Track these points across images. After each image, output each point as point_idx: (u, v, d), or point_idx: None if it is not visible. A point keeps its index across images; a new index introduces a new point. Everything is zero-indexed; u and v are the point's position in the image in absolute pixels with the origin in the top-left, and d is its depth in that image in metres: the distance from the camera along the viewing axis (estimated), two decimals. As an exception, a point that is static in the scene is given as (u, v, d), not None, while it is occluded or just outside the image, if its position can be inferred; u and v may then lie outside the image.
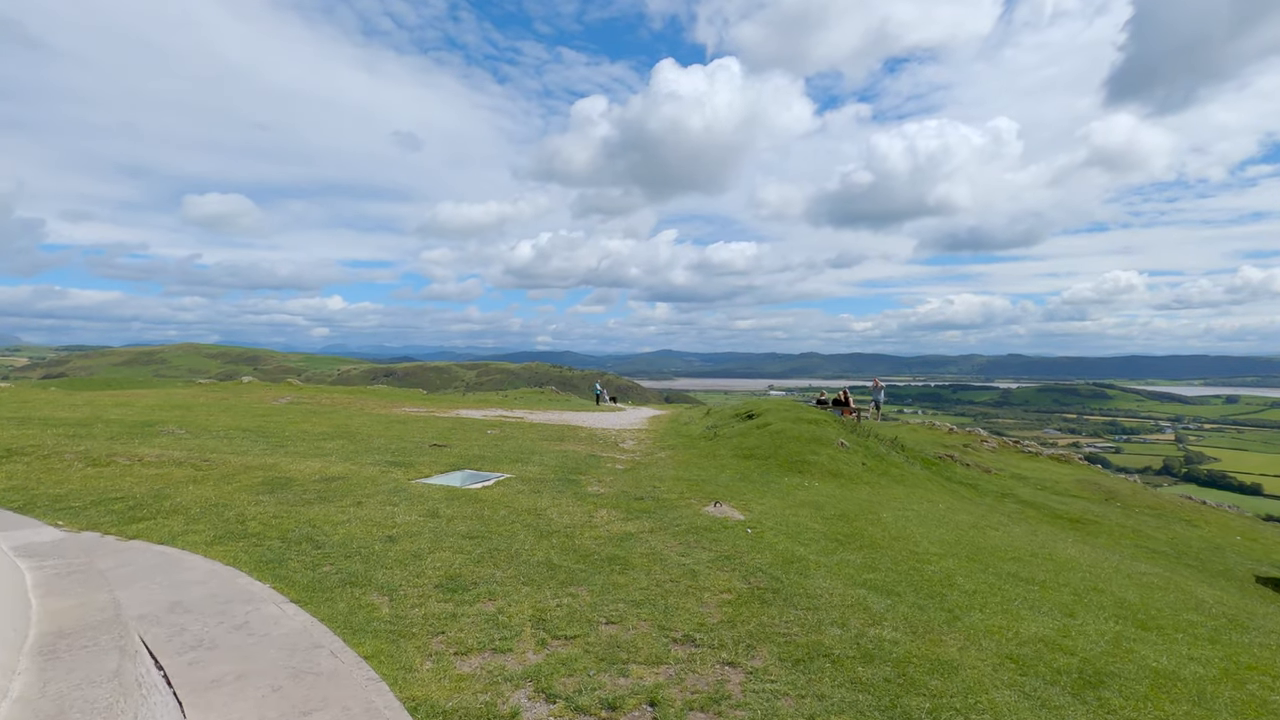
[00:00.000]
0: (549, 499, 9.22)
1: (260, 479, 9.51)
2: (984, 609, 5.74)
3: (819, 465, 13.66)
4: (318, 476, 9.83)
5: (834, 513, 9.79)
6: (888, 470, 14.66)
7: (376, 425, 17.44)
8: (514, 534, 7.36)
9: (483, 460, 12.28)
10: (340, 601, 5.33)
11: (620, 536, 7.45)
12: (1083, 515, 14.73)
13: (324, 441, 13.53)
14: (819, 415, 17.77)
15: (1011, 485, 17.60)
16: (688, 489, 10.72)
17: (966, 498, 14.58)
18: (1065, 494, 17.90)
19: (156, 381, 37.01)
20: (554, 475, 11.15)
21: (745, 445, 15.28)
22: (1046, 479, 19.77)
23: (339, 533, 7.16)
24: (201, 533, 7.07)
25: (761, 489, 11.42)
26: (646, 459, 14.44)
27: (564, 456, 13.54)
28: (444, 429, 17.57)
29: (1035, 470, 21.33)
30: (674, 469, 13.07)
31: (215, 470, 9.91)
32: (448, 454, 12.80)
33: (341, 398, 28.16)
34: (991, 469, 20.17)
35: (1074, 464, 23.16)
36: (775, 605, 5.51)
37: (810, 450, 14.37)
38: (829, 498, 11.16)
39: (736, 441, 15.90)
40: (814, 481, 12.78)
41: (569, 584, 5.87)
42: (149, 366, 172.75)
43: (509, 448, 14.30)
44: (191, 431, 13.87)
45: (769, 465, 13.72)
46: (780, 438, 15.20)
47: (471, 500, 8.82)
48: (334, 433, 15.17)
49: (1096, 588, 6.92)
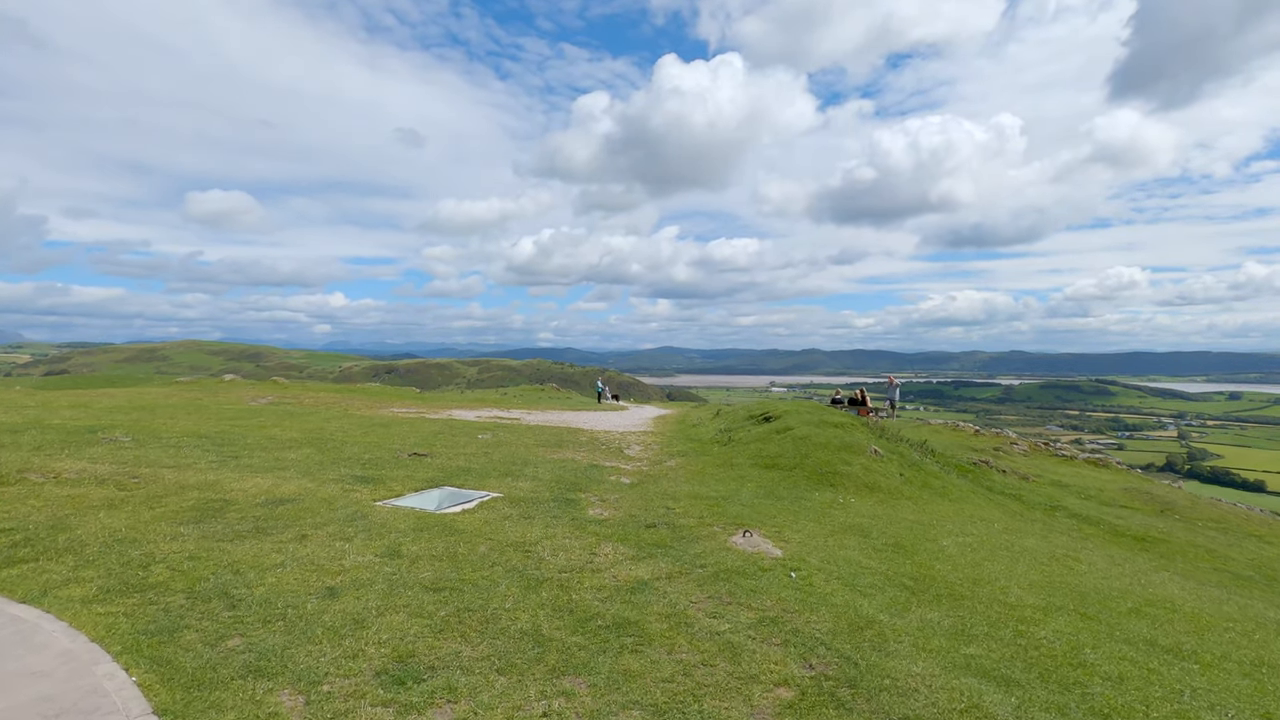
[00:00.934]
0: (541, 528, 7.55)
1: (192, 502, 7.85)
2: (1149, 714, 4.06)
3: (852, 477, 11.98)
4: (263, 498, 8.16)
5: (886, 541, 8.12)
6: (927, 482, 12.98)
7: (356, 429, 15.79)
8: (493, 582, 5.69)
9: (467, 474, 10.61)
10: (230, 709, 3.67)
11: (630, 586, 5.78)
12: (1146, 532, 13.05)
13: (288, 450, 11.87)
14: (844, 418, 16.09)
15: (1057, 495, 15.91)
16: (707, 511, 9.05)
17: (1015, 512, 12.90)
18: (1115, 504, 16.21)
19: (139, 380, 35.39)
20: (549, 493, 9.48)
21: (766, 453, 13.60)
22: (1090, 486, 18.08)
23: (266, 582, 5.50)
24: (87, 583, 5.41)
25: (792, 509, 9.75)
26: (655, 469, 12.78)
27: (562, 468, 11.87)
28: (430, 434, 15.90)
29: (1074, 476, 19.63)
30: (688, 482, 11.40)
31: (141, 491, 8.25)
32: (428, 465, 11.13)
33: (328, 397, 26.50)
34: (1029, 475, 18.48)
35: (1113, 469, 21.49)
36: (857, 713, 3.83)
37: (841, 459, 12.69)
38: (873, 519, 9.48)
39: (755, 448, 14.22)
40: (849, 497, 11.10)
41: (562, 671, 4.20)
42: (151, 363, 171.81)
43: (500, 457, 12.64)
44: (139, 439, 12.22)
45: (795, 477, 12.04)
46: (805, 444, 13.52)
47: (445, 531, 7.15)
48: (304, 438, 13.52)
49: (1268, 660, 5.24)
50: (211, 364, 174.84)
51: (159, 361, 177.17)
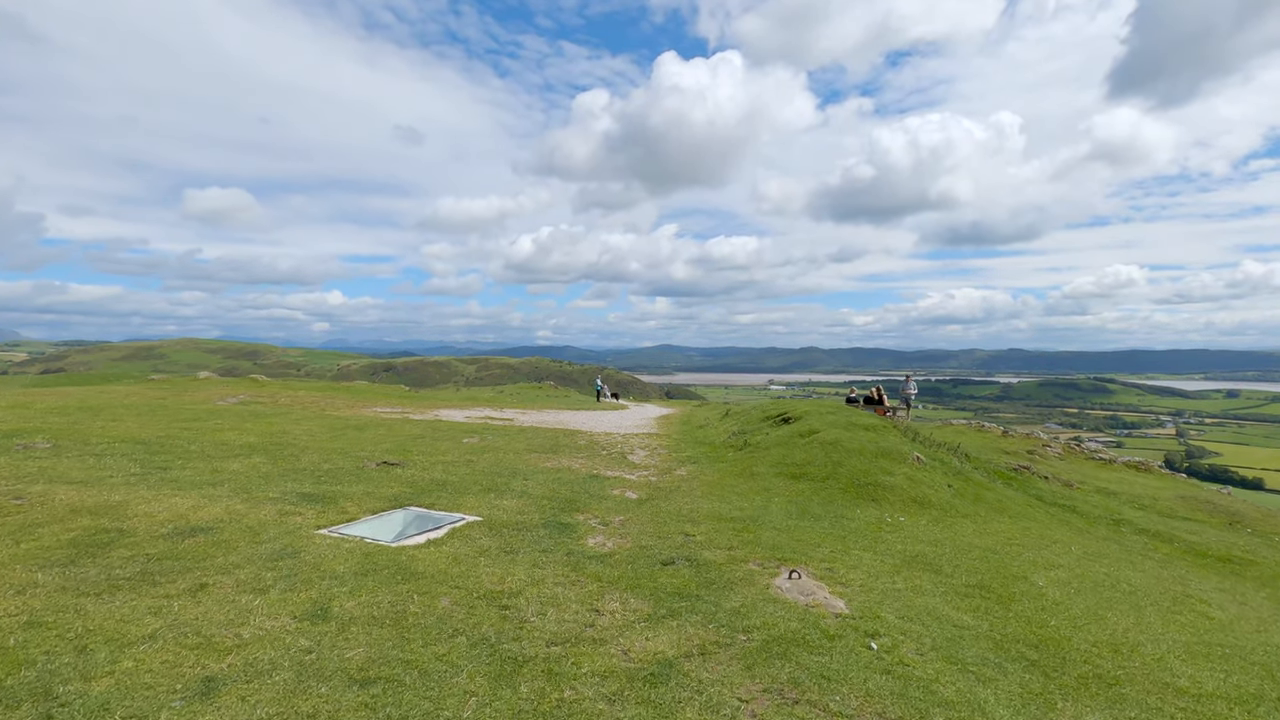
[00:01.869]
0: (526, 567, 5.78)
1: (75, 533, 6.06)
2: None
3: (896, 490, 10.23)
4: (171, 527, 6.37)
5: (967, 581, 6.37)
6: (979, 494, 11.24)
7: (324, 433, 13.99)
8: (451, 668, 3.92)
9: (443, 489, 8.82)
10: None
11: (650, 670, 4.01)
12: (1228, 551, 11.33)
13: (233, 459, 10.06)
14: (875, 420, 14.35)
15: (1112, 506, 14.18)
16: (735, 537, 7.29)
17: (1081, 529, 11.16)
18: (1177, 516, 14.51)
19: (111, 377, 33.49)
20: (539, 514, 7.71)
21: (791, 460, 11.84)
22: (1142, 495, 16.37)
23: (118, 669, 3.73)
24: None
25: (835, 532, 7.99)
26: (664, 480, 11.02)
27: (556, 479, 10.10)
28: (409, 438, 14.12)
29: (1119, 482, 17.92)
30: (705, 497, 9.63)
31: (17, 517, 6.45)
32: (397, 478, 9.34)
33: (307, 396, 24.67)
34: (1072, 482, 16.77)
35: (1157, 473, 19.82)
36: None
37: (880, 468, 10.94)
38: (936, 546, 7.74)
39: (778, 454, 12.46)
40: (898, 514, 9.35)
41: None
42: (148, 362, 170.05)
43: (485, 466, 10.85)
44: (60, 445, 10.41)
45: (830, 490, 10.28)
46: (836, 451, 11.76)
47: (398, 575, 5.37)
48: (260, 444, 11.72)
49: None
50: (209, 362, 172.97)
51: (156, 360, 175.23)
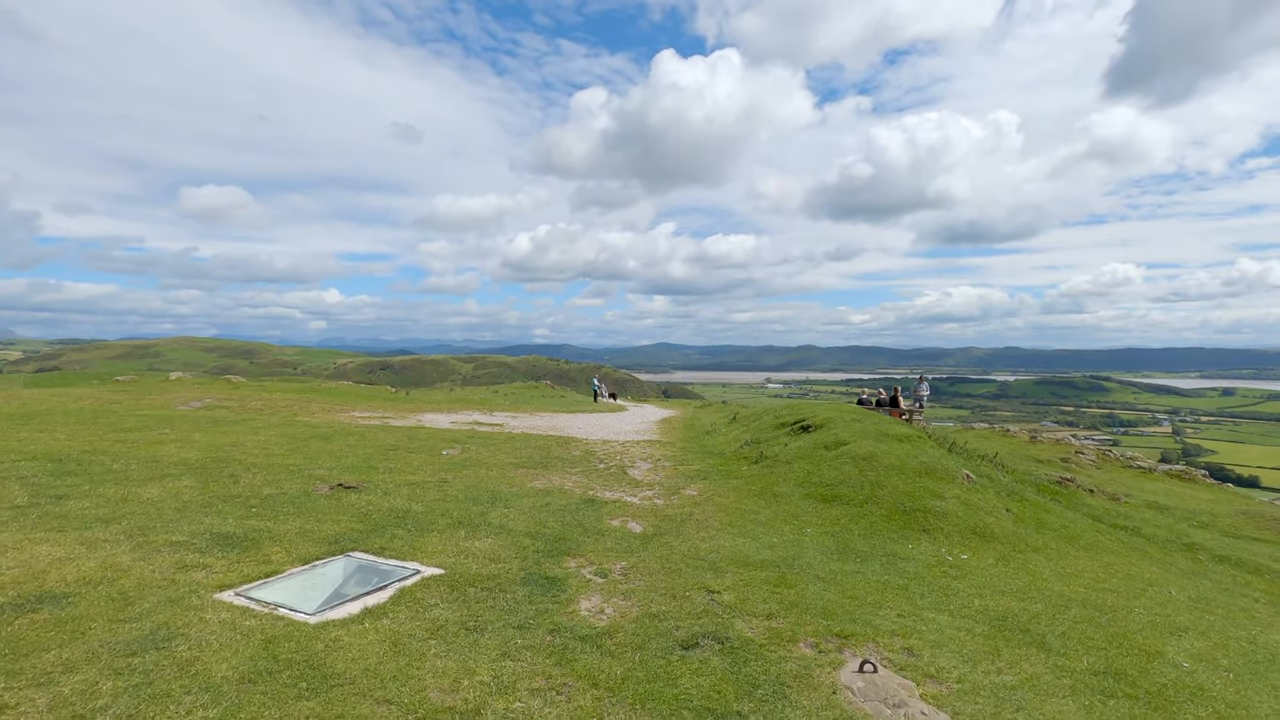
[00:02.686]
0: (491, 660, 4.09)
1: None
2: None
3: (950, 517, 8.58)
4: (11, 595, 4.66)
5: (1091, 664, 4.72)
6: (1041, 519, 9.59)
7: (283, 445, 12.27)
8: None
9: (402, 523, 7.12)
10: None
11: None
12: (1328, 584, 9.72)
13: (153, 484, 8.33)
14: (907, 429, 12.69)
15: (1175, 526, 12.56)
16: (771, 593, 5.63)
17: (1160, 559, 9.52)
18: (1244, 536, 12.90)
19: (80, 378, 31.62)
20: (518, 563, 6.02)
21: (819, 478, 10.17)
22: (1197, 510, 14.77)
23: None
24: None
25: (892, 578, 6.34)
26: (672, 503, 9.34)
27: (544, 506, 8.40)
28: (379, 450, 12.40)
29: (1167, 495, 16.34)
30: (724, 529, 7.96)
31: None
32: (348, 509, 7.64)
33: (282, 399, 22.89)
34: (1118, 495, 15.18)
35: (1200, 483, 18.26)
36: None
37: (927, 490, 9.28)
38: (1021, 599, 6.09)
39: (801, 470, 10.79)
40: (956, 548, 7.71)
41: None
42: (143, 360, 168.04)
43: (460, 489, 9.15)
44: (-50, 466, 8.68)
45: (871, 518, 8.63)
46: (873, 468, 10.09)
47: (303, 683, 3.67)
48: (199, 461, 9.99)
49: None
50: (205, 361, 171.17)
51: (151, 358, 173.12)
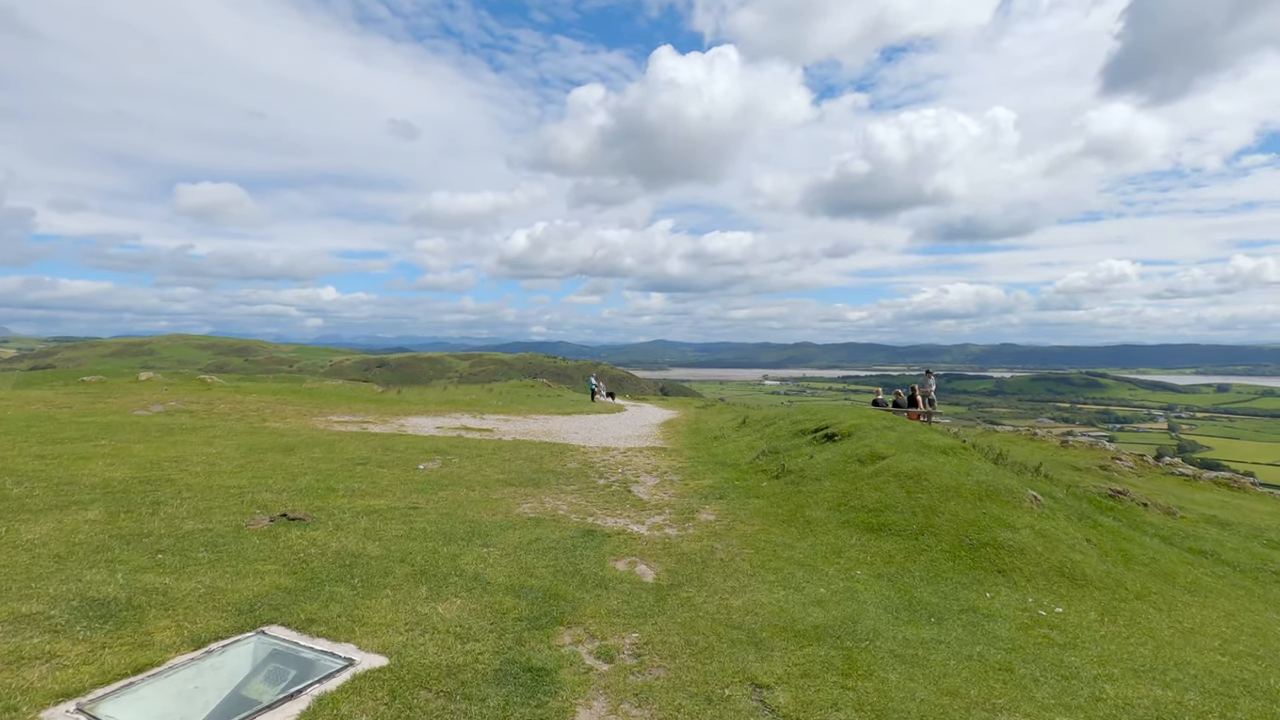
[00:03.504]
0: None
1: None
2: None
3: (1027, 553, 7.05)
4: None
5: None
6: (1125, 551, 8.08)
7: (235, 459, 10.65)
8: None
9: (347, 576, 5.54)
10: None
11: None
12: None
13: (45, 517, 6.71)
14: (949, 440, 11.16)
15: (1257, 550, 11.05)
16: (840, 688, 4.07)
17: (1264, 597, 8.04)
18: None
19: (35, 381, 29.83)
20: (492, 643, 4.44)
21: (860, 501, 8.62)
22: (1261, 524, 13.29)
23: None
24: None
25: (981, 647, 4.80)
26: (688, 534, 7.78)
27: (532, 544, 6.83)
28: (347, 464, 10.79)
29: (1221, 507, 14.88)
30: (757, 574, 6.40)
31: None
32: (285, 550, 6.06)
33: (257, 401, 21.23)
34: (1173, 509, 13.70)
35: (1251, 492, 16.84)
36: None
37: (993, 518, 7.74)
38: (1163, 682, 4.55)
39: (834, 490, 9.24)
40: (1045, 596, 6.18)
41: None
42: (138, 358, 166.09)
43: (431, 518, 7.56)
44: None
45: (932, 554, 7.09)
46: (923, 488, 8.56)
47: None
48: (123, 483, 8.38)
49: None
50: (200, 358, 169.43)
51: (146, 356, 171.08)
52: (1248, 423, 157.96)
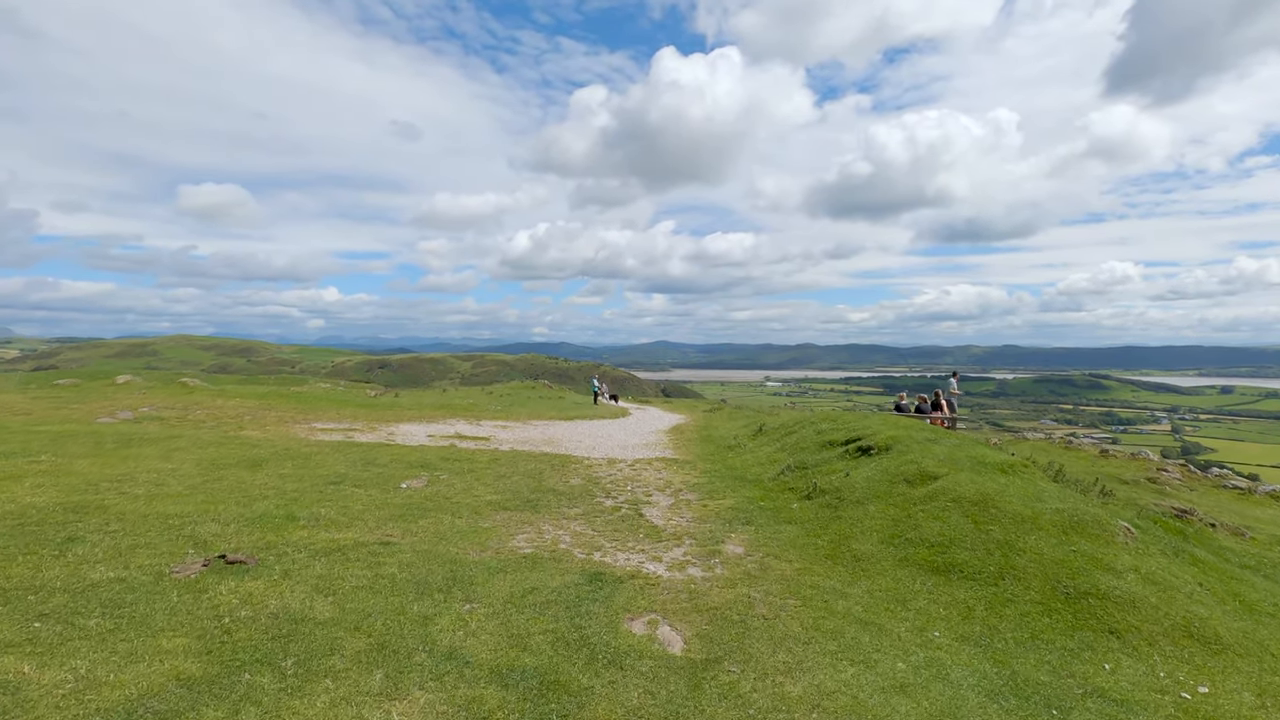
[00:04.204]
0: None
1: None
2: None
3: (1139, 604, 5.69)
4: None
5: None
6: (1239, 594, 6.70)
7: (192, 476, 9.31)
8: None
9: (282, 652, 4.19)
10: None
11: None
12: None
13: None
14: (1004, 456, 9.80)
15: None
16: None
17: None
18: None
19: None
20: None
21: (916, 533, 7.27)
22: (1343, 549, 11.93)
23: None
24: None
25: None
26: (716, 576, 6.43)
27: (525, 596, 5.47)
28: (319, 483, 9.45)
29: (1290, 525, 13.50)
30: (813, 641, 5.03)
31: None
32: (207, 611, 4.71)
33: (240, 405, 19.90)
34: (1242, 529, 12.33)
35: (1313, 507, 15.47)
36: None
37: (1086, 557, 6.39)
38: None
39: (881, 516, 7.89)
40: (1182, 671, 4.82)
41: None
42: (141, 359, 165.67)
43: (404, 559, 6.21)
44: None
45: (1020, 605, 5.74)
46: (990, 517, 7.21)
47: None
48: (44, 509, 7.05)
49: None
50: (202, 359, 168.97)
51: (149, 356, 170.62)
52: (1251, 424, 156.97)
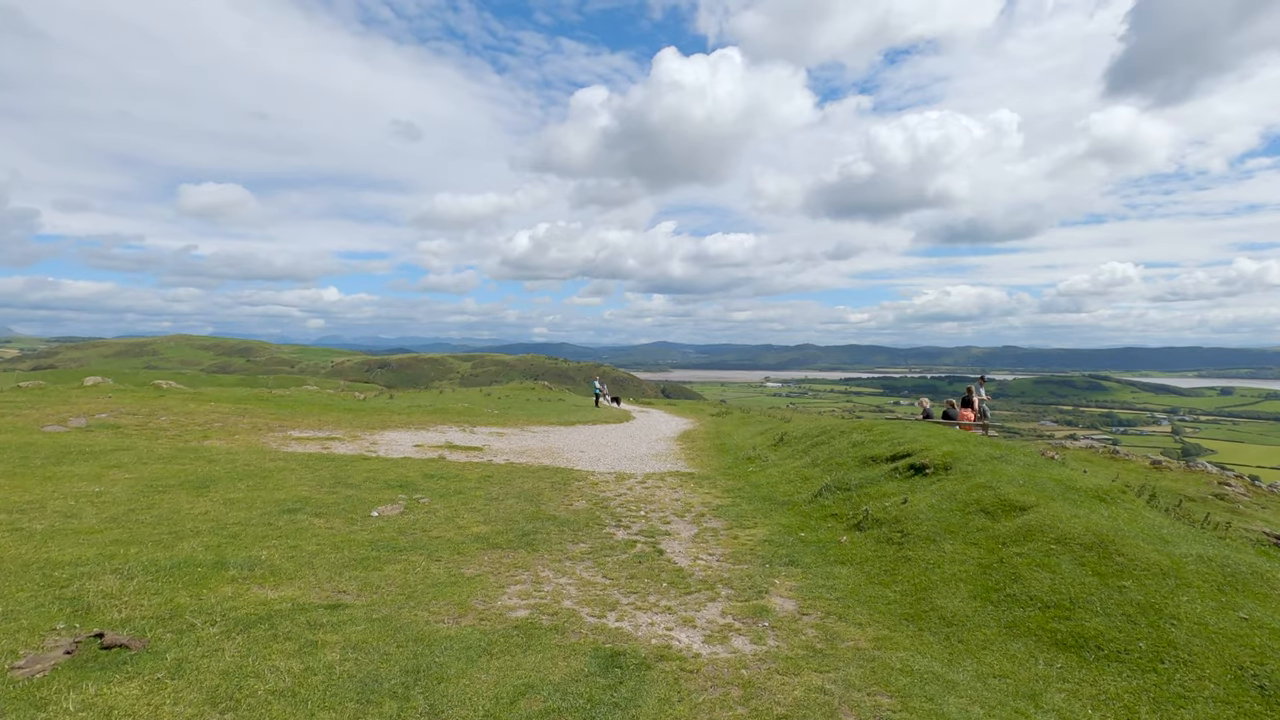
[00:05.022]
0: None
1: None
2: None
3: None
4: None
5: None
6: None
7: (121, 502, 7.70)
8: None
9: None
10: None
11: None
12: None
13: None
14: (1093, 479, 8.23)
15: None
16: None
17: None
18: None
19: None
20: None
21: (1021, 587, 5.67)
22: None
23: None
24: None
25: None
26: (768, 652, 4.83)
27: (515, 698, 3.87)
28: (269, 512, 7.83)
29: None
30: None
31: None
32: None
33: (207, 412, 18.24)
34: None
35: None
36: None
37: (1260, 628, 4.82)
38: None
39: (967, 560, 6.31)
40: None
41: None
42: (140, 358, 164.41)
43: (355, 636, 4.60)
44: None
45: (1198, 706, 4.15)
46: (1120, 570, 5.61)
47: None
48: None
49: None
50: (201, 359, 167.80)
51: (148, 356, 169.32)
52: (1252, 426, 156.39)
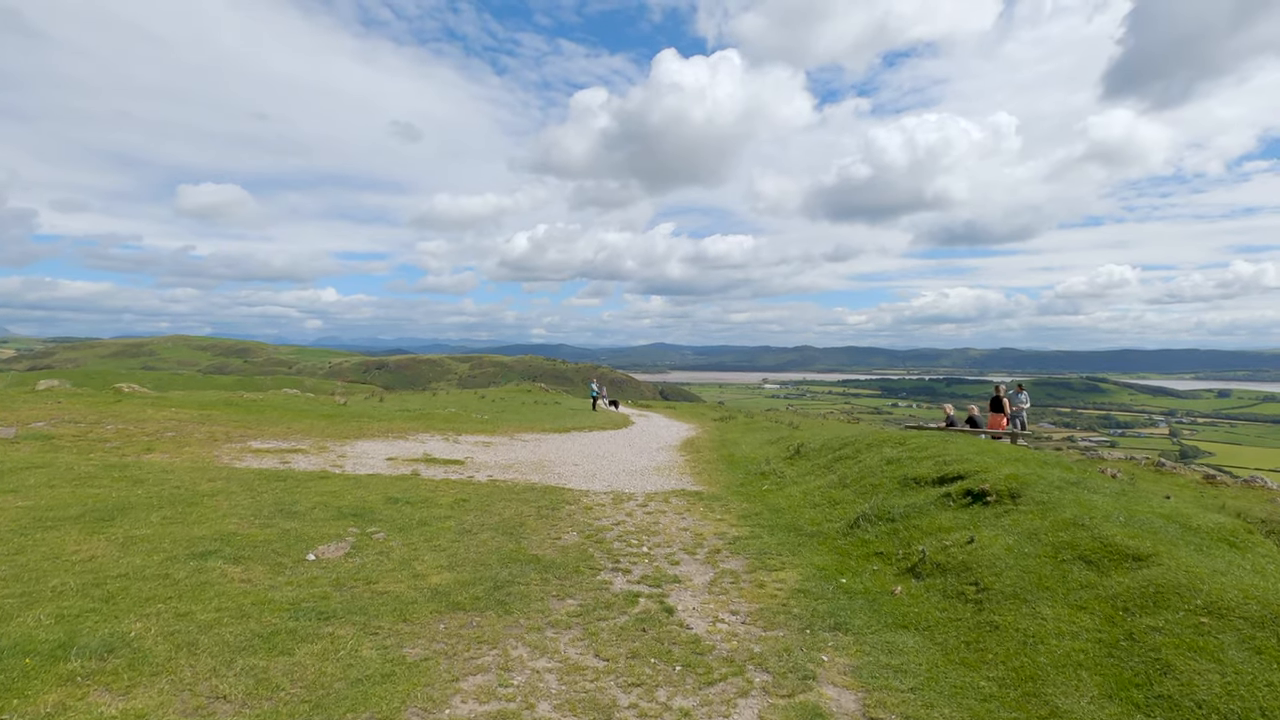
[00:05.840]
0: None
1: None
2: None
3: None
4: None
5: None
6: None
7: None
8: None
9: None
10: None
11: None
12: None
13: None
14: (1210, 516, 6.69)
15: None
16: None
17: None
18: None
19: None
20: None
21: (1174, 684, 4.11)
22: None
23: None
24: None
25: None
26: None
27: None
28: (179, 554, 6.23)
29: None
30: None
31: None
32: None
33: (164, 419, 16.56)
34: None
35: None
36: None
37: None
38: None
39: (1077, 627, 4.73)
40: None
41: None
42: (137, 359, 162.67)
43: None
44: None
45: None
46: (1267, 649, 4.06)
47: None
48: None
49: None
50: (199, 359, 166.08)
51: (145, 357, 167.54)
52: (1249, 428, 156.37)
